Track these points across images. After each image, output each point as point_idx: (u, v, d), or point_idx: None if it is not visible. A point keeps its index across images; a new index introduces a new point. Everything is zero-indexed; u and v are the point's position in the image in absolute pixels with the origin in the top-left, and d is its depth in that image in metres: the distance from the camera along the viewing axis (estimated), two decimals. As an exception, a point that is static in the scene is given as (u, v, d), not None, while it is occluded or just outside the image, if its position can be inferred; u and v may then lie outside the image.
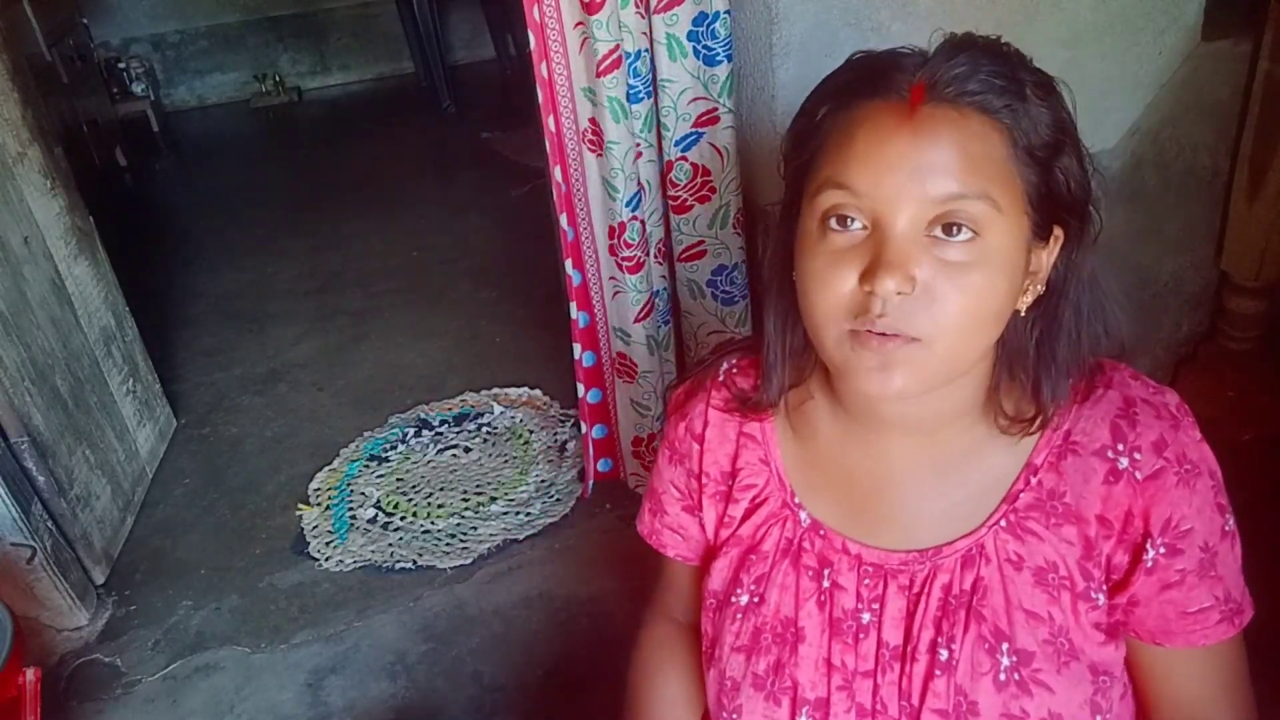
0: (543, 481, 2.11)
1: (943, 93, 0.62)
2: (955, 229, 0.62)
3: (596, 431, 2.00)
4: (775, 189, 1.77)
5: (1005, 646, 0.70)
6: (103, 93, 4.70)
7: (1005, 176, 0.63)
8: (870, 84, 0.64)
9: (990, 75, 0.62)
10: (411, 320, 2.93)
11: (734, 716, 0.79)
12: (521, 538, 1.96)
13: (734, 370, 0.84)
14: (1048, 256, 0.68)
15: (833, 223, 0.65)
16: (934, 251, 0.62)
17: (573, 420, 2.27)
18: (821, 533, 0.77)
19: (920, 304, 0.62)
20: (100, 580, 1.98)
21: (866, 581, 0.75)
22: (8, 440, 1.78)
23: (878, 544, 0.75)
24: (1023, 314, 0.69)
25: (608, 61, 1.50)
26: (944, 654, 0.71)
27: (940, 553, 0.73)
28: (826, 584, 0.76)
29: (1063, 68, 0.68)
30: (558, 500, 2.05)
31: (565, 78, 1.59)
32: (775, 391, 0.78)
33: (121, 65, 5.12)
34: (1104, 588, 0.71)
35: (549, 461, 2.17)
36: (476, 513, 2.05)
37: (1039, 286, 0.69)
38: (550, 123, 1.64)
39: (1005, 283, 0.64)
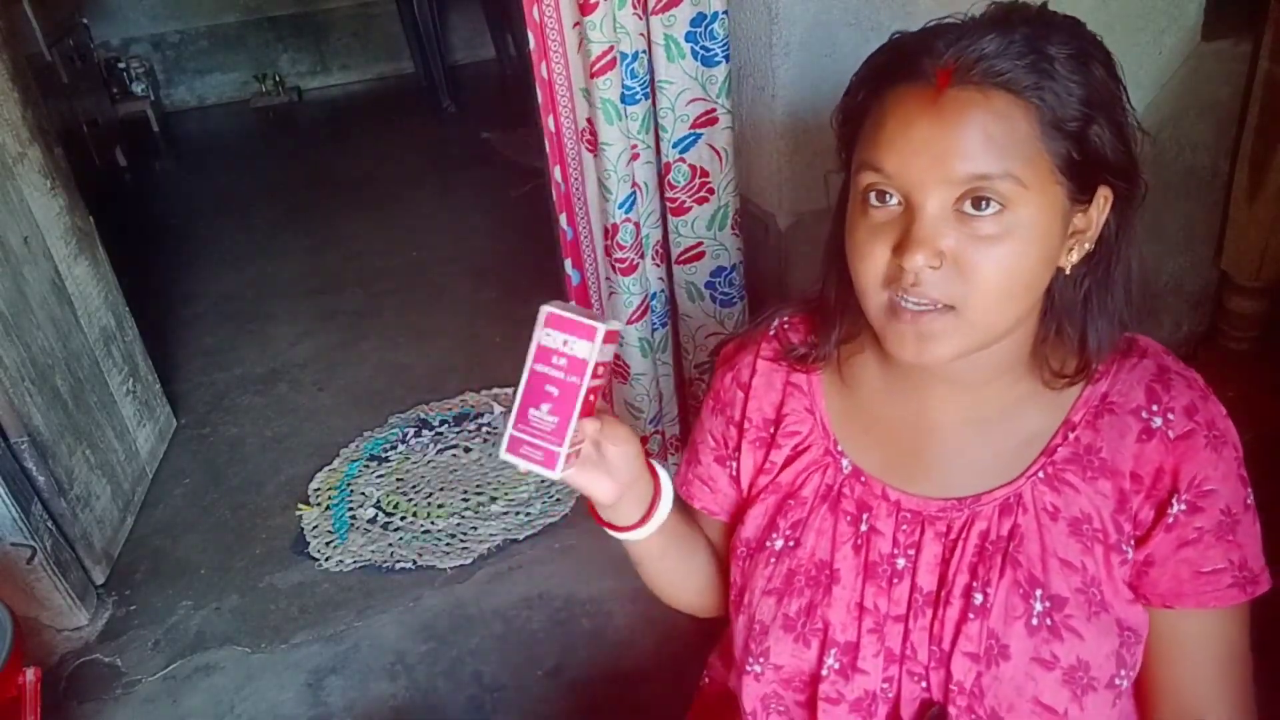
0: (543, 481, 2.11)
1: (968, 75, 0.63)
2: (983, 203, 0.64)
3: (597, 429, 1.99)
4: (774, 189, 1.77)
5: (1039, 592, 0.72)
6: (103, 93, 4.70)
7: (1031, 153, 0.64)
8: (901, 68, 0.66)
9: (1018, 54, 0.63)
10: (411, 320, 2.93)
11: (760, 660, 0.80)
12: (521, 538, 1.96)
13: (786, 326, 0.86)
14: (1098, 215, 0.69)
15: (872, 198, 0.68)
16: (963, 226, 0.65)
17: (573, 420, 2.27)
18: (862, 479, 0.79)
19: (950, 275, 0.65)
20: (100, 580, 1.98)
21: (904, 527, 0.77)
22: (8, 440, 1.78)
23: (918, 492, 0.77)
24: (1068, 272, 0.70)
25: (601, 63, 1.49)
26: (978, 598, 0.73)
27: (979, 500, 0.75)
28: (864, 528, 0.78)
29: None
30: (558, 500, 2.05)
31: (565, 78, 1.59)
32: (833, 343, 0.81)
33: (121, 65, 5.11)
34: (1132, 541, 0.72)
35: (549, 461, 2.16)
36: (476, 513, 2.05)
37: (1087, 245, 0.70)
38: (550, 122, 1.64)
39: (1036, 252, 0.66)
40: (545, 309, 0.69)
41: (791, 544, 0.80)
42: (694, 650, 1.08)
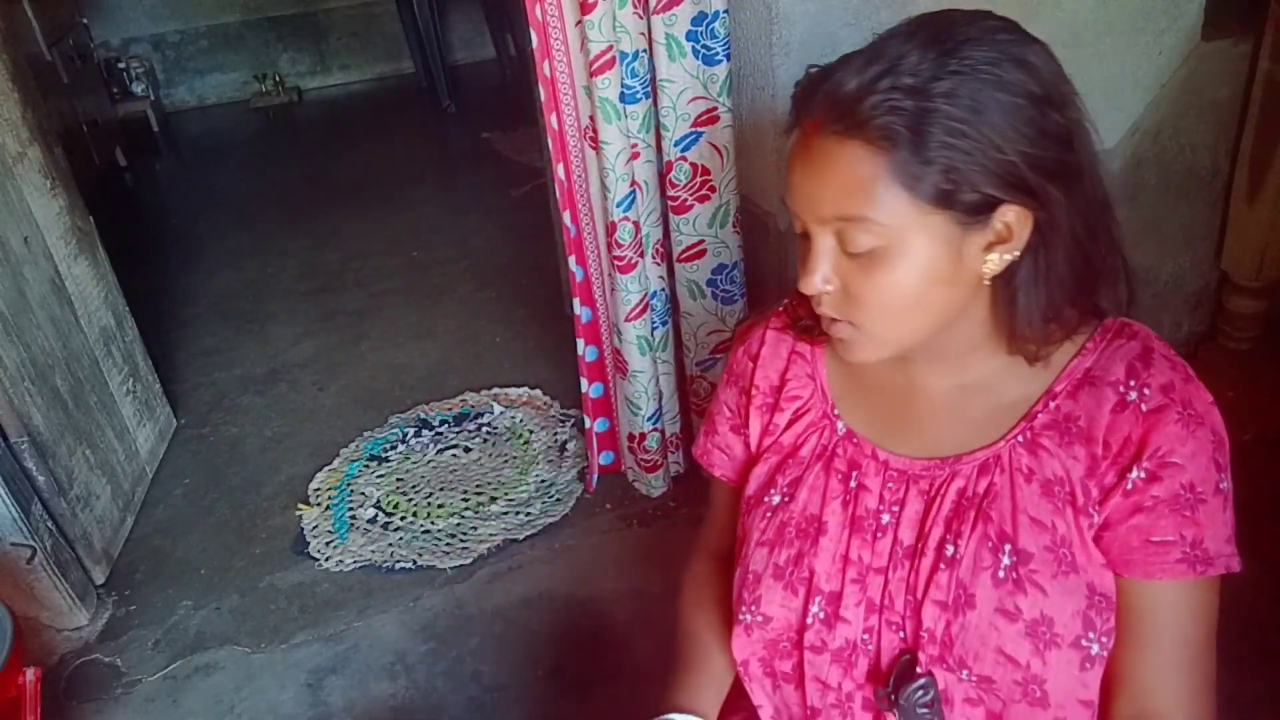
0: (543, 481, 2.11)
1: (830, 127, 0.68)
2: (853, 240, 0.70)
3: (599, 425, 2.00)
4: (775, 189, 1.77)
5: (1008, 547, 0.75)
6: (103, 93, 4.69)
7: (889, 196, 0.67)
8: (797, 109, 0.73)
9: (885, 94, 0.65)
10: (411, 320, 2.93)
11: (753, 607, 0.85)
12: (521, 538, 1.96)
13: (794, 302, 0.91)
14: (1019, 226, 0.70)
15: (796, 224, 0.75)
16: (844, 256, 0.72)
17: (573, 420, 2.27)
18: (854, 440, 0.85)
19: (842, 298, 0.74)
20: (100, 580, 1.98)
21: (890, 485, 0.82)
22: (8, 440, 1.78)
23: (905, 452, 0.82)
24: (986, 281, 0.73)
25: (600, 62, 1.50)
26: (950, 550, 0.77)
27: (960, 460, 0.79)
28: (853, 485, 0.83)
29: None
30: (558, 500, 2.05)
31: (567, 75, 1.59)
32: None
33: (121, 65, 5.11)
34: (1097, 505, 0.74)
35: (549, 461, 2.17)
36: (476, 513, 2.05)
37: (1007, 255, 0.71)
38: (553, 120, 1.64)
39: (919, 277, 0.70)
40: None
41: (786, 499, 0.86)
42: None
